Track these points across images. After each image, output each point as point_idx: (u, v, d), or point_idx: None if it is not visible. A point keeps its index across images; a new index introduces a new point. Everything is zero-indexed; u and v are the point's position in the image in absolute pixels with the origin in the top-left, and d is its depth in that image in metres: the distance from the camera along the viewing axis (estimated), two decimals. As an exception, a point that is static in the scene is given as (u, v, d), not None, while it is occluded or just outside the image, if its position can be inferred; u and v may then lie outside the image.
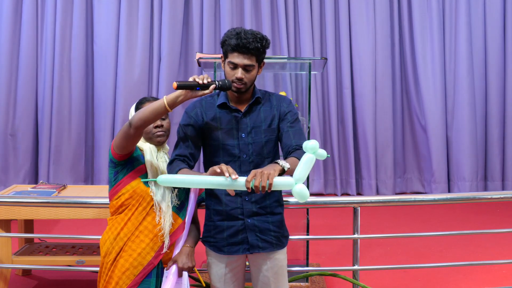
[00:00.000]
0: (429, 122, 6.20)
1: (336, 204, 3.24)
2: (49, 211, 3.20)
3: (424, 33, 6.19)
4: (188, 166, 2.17)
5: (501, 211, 5.55)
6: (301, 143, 2.13)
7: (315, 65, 3.67)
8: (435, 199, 2.96)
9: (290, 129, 2.20)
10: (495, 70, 6.21)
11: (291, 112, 2.24)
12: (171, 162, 2.18)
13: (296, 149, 2.12)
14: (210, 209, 2.28)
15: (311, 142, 1.94)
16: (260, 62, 2.18)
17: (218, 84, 2.08)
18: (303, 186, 1.91)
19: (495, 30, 6.18)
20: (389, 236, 4.04)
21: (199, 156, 2.25)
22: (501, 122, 6.27)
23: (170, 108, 2.05)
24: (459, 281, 3.66)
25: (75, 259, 3.27)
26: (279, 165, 1.98)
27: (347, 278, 2.93)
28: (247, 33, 2.10)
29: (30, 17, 5.76)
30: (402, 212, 5.43)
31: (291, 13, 6.16)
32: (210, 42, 6.06)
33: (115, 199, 2.25)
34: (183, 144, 2.20)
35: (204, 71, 3.91)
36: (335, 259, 4.10)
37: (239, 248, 2.22)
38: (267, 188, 1.87)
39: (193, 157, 2.20)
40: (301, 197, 1.91)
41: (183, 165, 2.14)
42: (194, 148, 2.21)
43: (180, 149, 2.20)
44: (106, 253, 2.23)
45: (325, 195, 6.20)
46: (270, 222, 2.23)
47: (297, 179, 1.93)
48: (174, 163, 2.16)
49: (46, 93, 5.79)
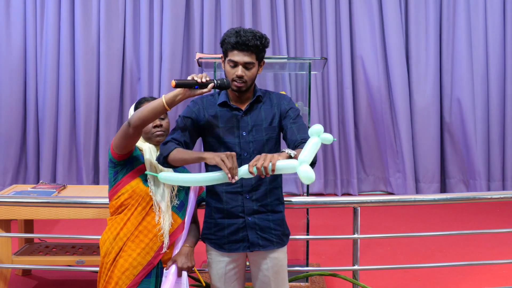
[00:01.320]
0: (429, 121, 6.20)
1: (336, 204, 3.24)
2: (49, 211, 3.21)
3: (424, 33, 6.18)
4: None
5: (501, 211, 5.55)
6: (306, 137, 2.13)
7: (315, 65, 3.67)
8: (435, 199, 2.96)
9: (294, 125, 2.20)
10: (496, 70, 6.20)
11: (292, 108, 2.25)
12: (166, 142, 2.16)
13: (302, 143, 2.11)
14: (210, 206, 2.28)
15: (316, 126, 1.94)
16: (260, 60, 2.18)
17: (216, 83, 2.08)
18: (308, 167, 1.87)
19: (495, 30, 6.16)
20: (389, 236, 4.04)
21: (191, 149, 2.23)
22: (501, 122, 6.27)
23: (169, 107, 2.05)
24: (459, 281, 3.66)
25: (75, 259, 3.27)
26: (285, 152, 1.98)
27: (347, 278, 2.93)
28: (246, 31, 2.11)
29: (31, 17, 5.77)
30: (402, 212, 5.43)
31: (291, 13, 6.15)
32: (210, 42, 6.06)
33: (114, 199, 2.25)
34: (180, 131, 2.19)
35: (204, 71, 3.91)
36: (335, 259, 4.10)
37: (240, 246, 2.22)
38: (269, 171, 1.87)
39: (186, 146, 2.19)
40: (306, 178, 1.86)
41: (176, 146, 2.12)
42: (189, 139, 2.20)
43: (177, 135, 2.18)
44: (106, 253, 2.23)
45: (325, 195, 6.19)
46: (271, 220, 2.24)
47: (302, 161, 1.89)
48: (169, 143, 2.14)
49: (47, 93, 5.79)
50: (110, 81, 5.94)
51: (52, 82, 5.81)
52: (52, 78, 5.82)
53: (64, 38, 5.81)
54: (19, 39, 5.77)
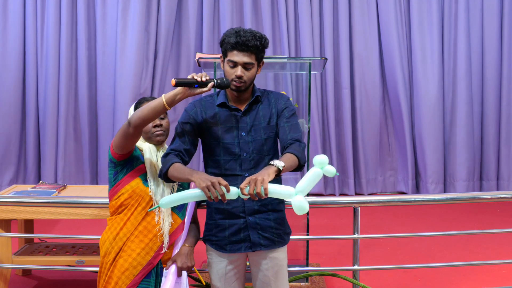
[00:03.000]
0: (427, 122, 6.21)
1: (336, 204, 3.25)
2: (49, 211, 3.20)
3: (424, 33, 6.18)
4: (182, 161, 2.15)
5: (500, 211, 5.55)
6: (296, 136, 2.14)
7: (315, 65, 3.67)
8: (435, 199, 2.96)
9: (286, 124, 2.20)
10: (491, 70, 6.22)
11: (288, 108, 2.25)
12: (166, 155, 2.16)
13: (290, 144, 2.12)
14: (211, 207, 2.28)
15: (320, 156, 1.90)
16: (259, 60, 2.18)
17: (216, 82, 2.08)
18: (303, 199, 1.87)
19: (492, 31, 6.17)
20: (389, 236, 4.05)
21: (194, 152, 2.24)
22: (497, 121, 6.28)
23: (169, 106, 2.06)
24: (459, 281, 3.65)
25: (75, 259, 3.27)
26: (274, 166, 1.97)
27: (347, 278, 2.93)
28: (246, 32, 2.11)
29: (31, 17, 5.76)
30: (402, 212, 5.43)
31: (291, 13, 6.15)
32: (210, 42, 6.06)
33: (114, 199, 2.25)
34: (179, 139, 2.20)
35: (204, 71, 3.91)
36: (335, 259, 4.10)
37: (241, 246, 2.22)
38: (263, 194, 1.86)
39: (188, 153, 2.19)
40: (299, 209, 1.87)
41: (176, 160, 2.13)
42: (190, 145, 2.20)
43: (176, 144, 2.19)
44: (106, 253, 2.23)
45: (325, 195, 6.19)
46: (272, 219, 2.23)
47: (299, 191, 1.89)
48: (168, 156, 2.15)
49: (48, 92, 5.79)
50: (109, 81, 5.93)
51: (52, 82, 5.80)
52: (53, 78, 5.81)
53: (65, 37, 5.80)
54: (18, 38, 5.74)
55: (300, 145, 2.12)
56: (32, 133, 5.86)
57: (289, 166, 2.01)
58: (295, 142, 2.12)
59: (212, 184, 1.91)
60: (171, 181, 2.15)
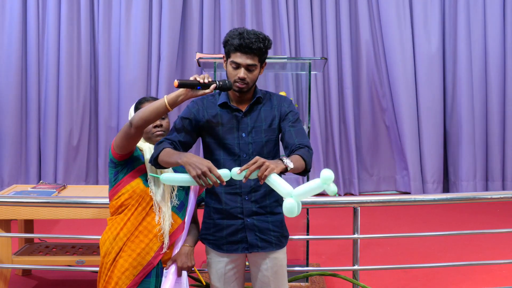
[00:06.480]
0: (429, 121, 6.21)
1: (336, 204, 3.24)
2: (49, 211, 3.20)
3: (426, 32, 6.18)
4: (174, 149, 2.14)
5: (501, 211, 5.55)
6: (305, 142, 2.14)
7: (315, 65, 3.67)
8: (435, 199, 2.96)
9: (292, 128, 2.19)
10: (495, 69, 6.20)
11: (292, 112, 2.24)
12: (160, 142, 2.15)
13: (299, 147, 2.12)
14: (209, 207, 2.27)
15: (328, 172, 1.87)
16: (262, 62, 2.18)
17: (218, 84, 2.08)
18: (295, 203, 1.88)
19: (495, 29, 6.17)
20: (389, 236, 4.05)
21: (189, 147, 2.23)
22: (501, 122, 6.27)
23: (171, 107, 2.06)
24: (459, 281, 3.65)
25: (75, 259, 3.27)
26: (283, 163, 1.98)
27: (347, 278, 2.93)
28: (249, 33, 2.11)
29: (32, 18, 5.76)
30: (402, 212, 5.43)
31: (292, 13, 6.15)
32: (210, 42, 6.06)
33: (115, 199, 2.25)
34: (176, 132, 2.19)
35: (204, 71, 3.91)
36: (335, 259, 4.10)
37: (238, 247, 2.22)
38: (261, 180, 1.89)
39: (182, 146, 2.18)
40: (288, 211, 1.89)
41: (168, 146, 2.12)
42: (185, 139, 2.19)
43: (172, 135, 2.19)
44: (106, 253, 2.23)
45: (325, 195, 6.17)
46: (270, 222, 2.23)
47: (295, 194, 1.90)
48: (162, 143, 2.14)
49: (48, 92, 5.79)
50: (110, 82, 5.93)
51: (54, 82, 5.81)
52: (54, 79, 5.81)
53: (67, 37, 5.80)
54: (18, 38, 5.75)
55: (309, 151, 2.12)
56: (33, 133, 5.86)
57: (295, 168, 2.01)
58: (305, 148, 2.11)
59: (202, 173, 1.93)
60: (162, 167, 2.12)
